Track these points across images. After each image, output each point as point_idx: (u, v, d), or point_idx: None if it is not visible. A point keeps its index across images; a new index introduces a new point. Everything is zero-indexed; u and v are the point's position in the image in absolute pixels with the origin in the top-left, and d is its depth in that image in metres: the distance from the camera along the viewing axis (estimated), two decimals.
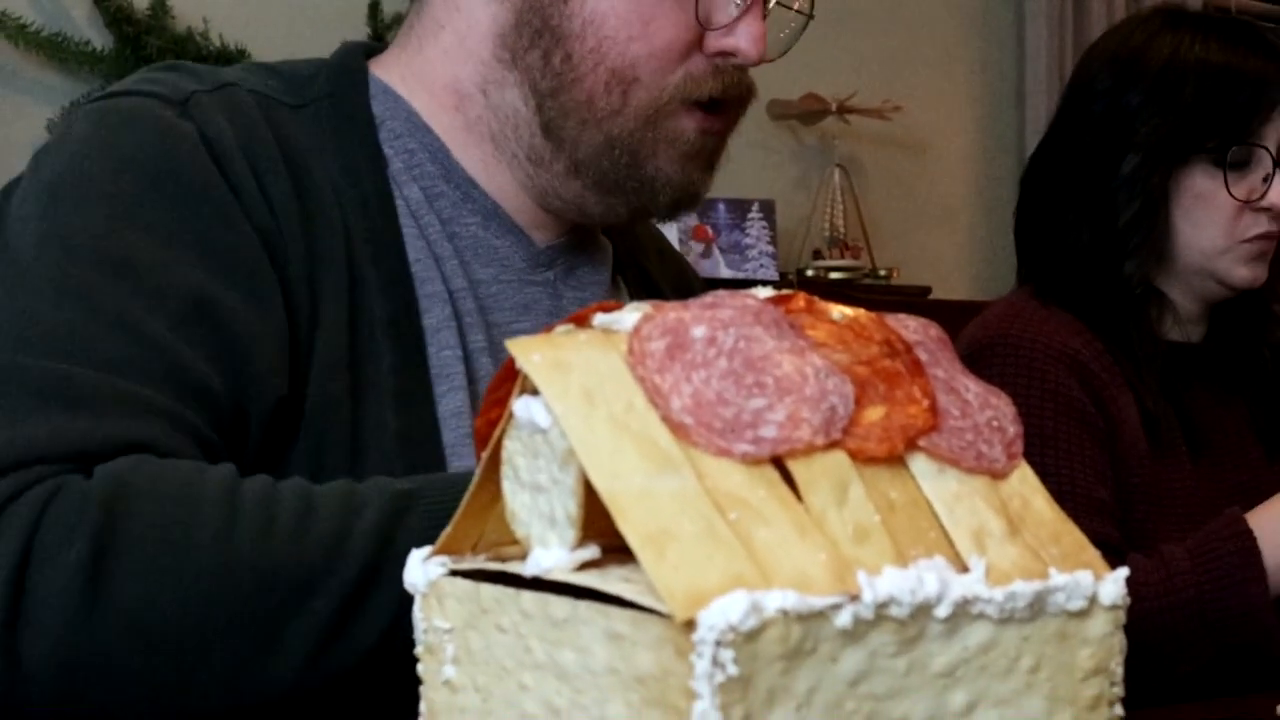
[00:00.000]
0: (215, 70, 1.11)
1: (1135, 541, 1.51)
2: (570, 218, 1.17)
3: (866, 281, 3.57)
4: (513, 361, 0.56)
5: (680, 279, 1.36)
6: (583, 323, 0.58)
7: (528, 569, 0.55)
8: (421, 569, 0.60)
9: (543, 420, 0.55)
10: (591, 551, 0.55)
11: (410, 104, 1.15)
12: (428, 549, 0.61)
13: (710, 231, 3.38)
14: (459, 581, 0.58)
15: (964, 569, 0.53)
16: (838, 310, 0.59)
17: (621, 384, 0.54)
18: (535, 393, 0.55)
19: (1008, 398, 0.60)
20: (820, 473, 0.53)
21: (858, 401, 0.55)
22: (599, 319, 0.58)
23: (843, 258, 3.63)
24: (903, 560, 0.52)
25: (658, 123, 1.09)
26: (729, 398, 0.53)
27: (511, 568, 0.57)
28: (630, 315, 0.56)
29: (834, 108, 3.57)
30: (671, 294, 1.25)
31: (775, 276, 3.39)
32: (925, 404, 0.56)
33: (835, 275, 3.54)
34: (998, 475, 0.57)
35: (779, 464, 0.53)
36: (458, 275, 1.11)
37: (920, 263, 3.81)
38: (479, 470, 0.59)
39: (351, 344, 1.03)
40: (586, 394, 0.53)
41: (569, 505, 0.55)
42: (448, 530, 0.60)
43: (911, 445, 0.56)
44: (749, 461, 0.52)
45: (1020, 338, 1.58)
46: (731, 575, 0.48)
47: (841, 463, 0.54)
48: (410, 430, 1.03)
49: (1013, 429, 0.59)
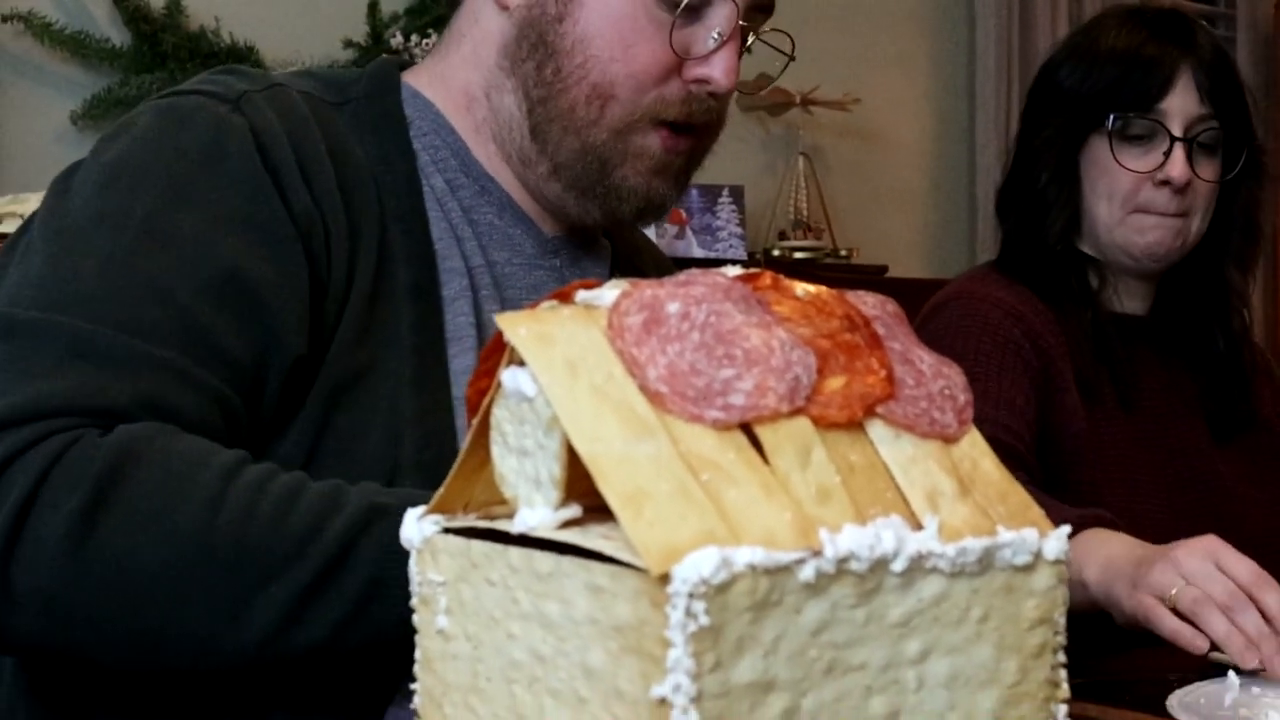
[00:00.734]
0: (266, 74, 1.14)
1: (1078, 497, 1.49)
2: (558, 216, 1.19)
3: (828, 261, 3.56)
4: (501, 334, 0.56)
5: None
6: (566, 299, 0.58)
7: (515, 527, 0.55)
8: (417, 526, 0.60)
9: (529, 389, 0.55)
10: (574, 511, 0.55)
11: (435, 106, 1.18)
12: (422, 508, 0.60)
13: (684, 214, 3.37)
14: (451, 538, 0.58)
15: (918, 527, 0.53)
16: (801, 287, 0.58)
17: (602, 356, 0.54)
18: (522, 364, 0.55)
19: (959, 368, 0.60)
20: (785, 438, 0.53)
21: (820, 372, 0.55)
22: (581, 295, 0.57)
23: (806, 239, 3.62)
24: (862, 519, 0.52)
25: (628, 137, 1.12)
26: (701, 368, 0.53)
27: (500, 526, 0.57)
28: (610, 292, 0.56)
29: (798, 100, 3.55)
30: None
31: (744, 256, 3.38)
32: (883, 374, 0.56)
33: (799, 255, 3.54)
34: (949, 440, 0.57)
35: (747, 429, 0.53)
36: (476, 254, 1.14)
37: (878, 243, 3.80)
38: (469, 436, 0.59)
39: (374, 306, 1.04)
40: (569, 365, 0.53)
41: (553, 468, 0.55)
42: (440, 491, 0.60)
43: (870, 412, 0.56)
44: (719, 427, 0.52)
45: (974, 293, 1.60)
46: (703, 532, 0.49)
47: (805, 428, 0.54)
48: (424, 380, 1.04)
49: (963, 397, 0.59)
